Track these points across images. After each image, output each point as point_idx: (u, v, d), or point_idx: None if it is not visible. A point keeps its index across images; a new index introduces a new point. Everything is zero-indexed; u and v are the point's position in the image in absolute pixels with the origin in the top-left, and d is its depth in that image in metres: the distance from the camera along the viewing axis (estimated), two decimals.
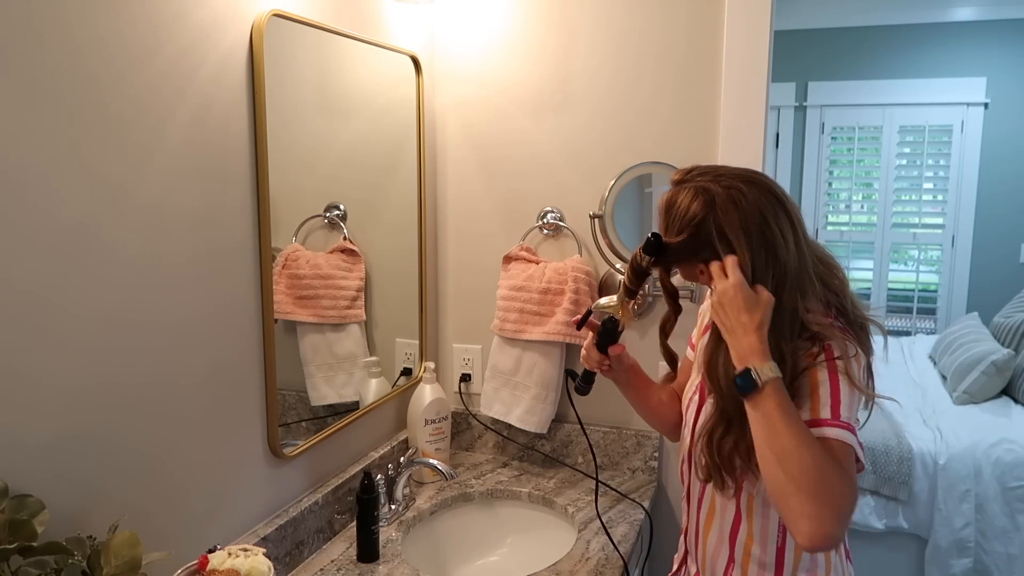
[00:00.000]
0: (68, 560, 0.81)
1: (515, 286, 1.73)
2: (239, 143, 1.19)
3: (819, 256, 1.08)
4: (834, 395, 0.99)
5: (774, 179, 1.06)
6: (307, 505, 1.37)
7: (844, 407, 0.98)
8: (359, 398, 1.58)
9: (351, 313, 1.52)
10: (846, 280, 1.09)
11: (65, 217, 0.91)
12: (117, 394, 0.99)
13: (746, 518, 1.11)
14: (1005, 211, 4.44)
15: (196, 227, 1.11)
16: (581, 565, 1.38)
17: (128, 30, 0.97)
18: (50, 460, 0.91)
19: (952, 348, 3.33)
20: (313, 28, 1.34)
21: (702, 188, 1.03)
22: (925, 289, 4.73)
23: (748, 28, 1.57)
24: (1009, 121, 4.38)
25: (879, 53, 4.54)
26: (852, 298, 1.08)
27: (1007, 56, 4.35)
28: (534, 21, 1.71)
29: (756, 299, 0.99)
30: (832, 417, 0.97)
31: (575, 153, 1.73)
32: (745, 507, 1.11)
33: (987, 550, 2.57)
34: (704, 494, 1.16)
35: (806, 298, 1.03)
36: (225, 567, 0.93)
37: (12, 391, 0.86)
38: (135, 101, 0.99)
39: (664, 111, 1.65)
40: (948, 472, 2.60)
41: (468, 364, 1.90)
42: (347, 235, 1.50)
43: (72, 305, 0.92)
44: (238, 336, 1.21)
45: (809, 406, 0.99)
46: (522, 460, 1.84)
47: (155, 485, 1.06)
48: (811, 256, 1.05)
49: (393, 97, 1.64)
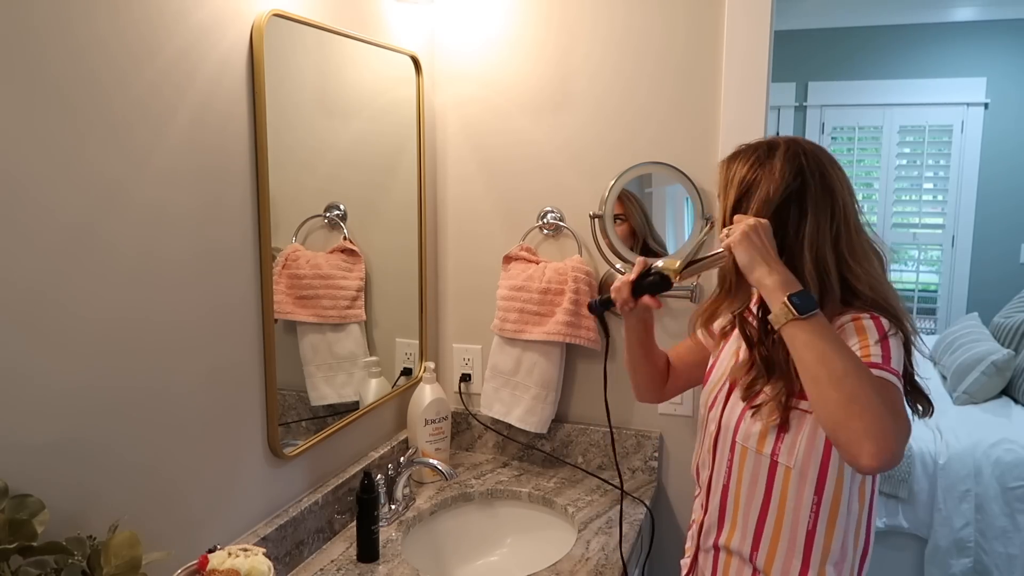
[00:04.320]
0: (68, 560, 0.81)
1: (515, 286, 1.73)
2: (239, 142, 1.19)
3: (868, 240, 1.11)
4: (884, 347, 0.99)
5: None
6: (307, 505, 1.37)
7: (894, 360, 0.98)
8: (359, 398, 1.58)
9: (351, 313, 1.52)
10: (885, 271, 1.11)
11: (65, 216, 0.91)
12: (117, 394, 0.99)
13: (778, 499, 1.10)
14: (1005, 211, 4.44)
15: (196, 226, 1.11)
16: (581, 565, 1.38)
17: (129, 30, 0.97)
18: (50, 460, 0.91)
19: (952, 348, 3.33)
20: (313, 28, 1.34)
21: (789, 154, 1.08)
22: (925, 289, 4.73)
23: (748, 28, 1.57)
24: (1009, 121, 4.38)
25: (879, 53, 4.54)
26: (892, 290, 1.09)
27: (1007, 56, 4.35)
28: (534, 21, 1.71)
29: (770, 232, 1.04)
30: (883, 362, 0.97)
31: (575, 153, 1.73)
32: (780, 483, 1.09)
33: (987, 550, 2.57)
34: (731, 477, 1.15)
35: (858, 263, 1.05)
36: (225, 567, 0.93)
37: (12, 392, 0.86)
38: (136, 100, 0.99)
39: (664, 111, 1.65)
40: (948, 472, 2.60)
41: (468, 364, 1.90)
42: (347, 235, 1.50)
43: (72, 304, 0.92)
44: (238, 336, 1.21)
45: (859, 345, 1.00)
46: (522, 460, 1.84)
47: (155, 485, 1.06)
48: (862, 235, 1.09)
49: (393, 97, 1.64)
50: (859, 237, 1.07)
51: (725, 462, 1.16)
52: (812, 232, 1.05)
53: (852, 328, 1.02)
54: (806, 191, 1.06)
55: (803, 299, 0.96)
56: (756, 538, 1.12)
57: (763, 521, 1.11)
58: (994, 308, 3.81)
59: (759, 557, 1.12)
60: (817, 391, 0.92)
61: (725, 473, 1.16)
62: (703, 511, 1.22)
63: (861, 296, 1.05)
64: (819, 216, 1.05)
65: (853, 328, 1.02)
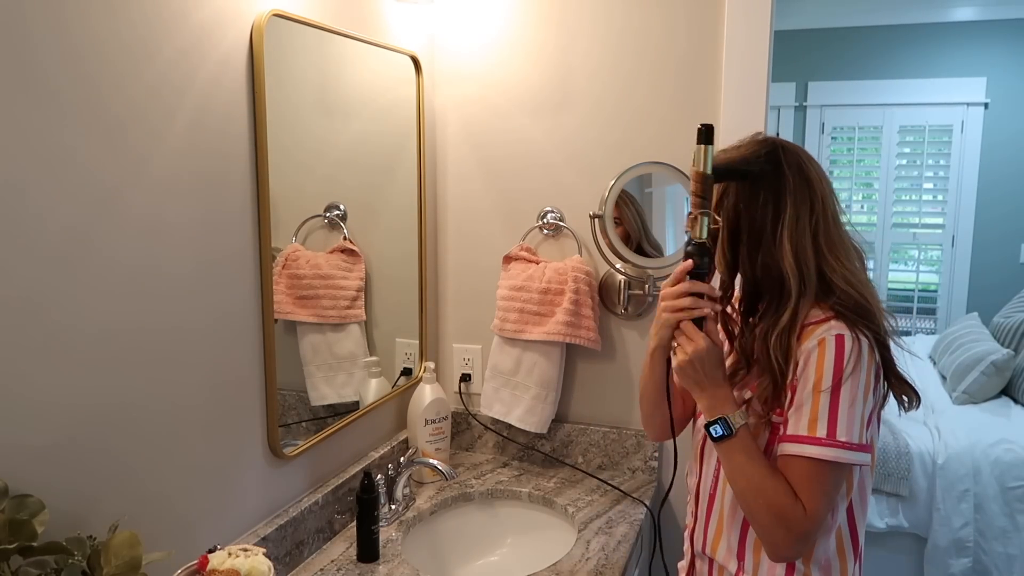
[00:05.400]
0: (68, 560, 0.81)
1: (515, 286, 1.73)
2: (239, 144, 1.19)
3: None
4: (834, 402, 1.00)
5: None
6: (307, 505, 1.37)
7: (842, 422, 0.99)
8: (359, 398, 1.58)
9: (351, 313, 1.52)
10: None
11: (62, 220, 0.90)
12: (117, 395, 0.99)
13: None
14: (1005, 211, 4.44)
15: (196, 227, 1.11)
16: (581, 565, 1.38)
17: (127, 31, 0.97)
18: (50, 460, 0.91)
19: (952, 348, 3.34)
20: (313, 28, 1.34)
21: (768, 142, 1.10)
22: (925, 289, 4.73)
23: (748, 28, 1.57)
24: (1009, 121, 4.39)
25: (879, 53, 4.54)
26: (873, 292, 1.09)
27: (1007, 56, 4.35)
28: (534, 21, 1.71)
29: (722, 355, 1.07)
30: (828, 436, 0.99)
31: (575, 153, 1.73)
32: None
33: (986, 550, 2.57)
34: (716, 486, 1.16)
35: (834, 255, 1.05)
36: (225, 567, 0.93)
37: (13, 393, 0.86)
38: (135, 103, 0.99)
39: (664, 111, 1.65)
40: (947, 472, 2.60)
41: (468, 364, 1.90)
42: (347, 235, 1.50)
43: (73, 306, 0.92)
44: (238, 337, 1.21)
45: (811, 397, 1.01)
46: (522, 460, 1.84)
47: (155, 485, 1.06)
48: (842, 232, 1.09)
49: (393, 97, 1.64)
50: (838, 232, 1.07)
51: (712, 471, 1.17)
52: (791, 224, 1.05)
53: (815, 357, 1.01)
54: (784, 182, 1.06)
55: (722, 426, 1.05)
56: (741, 546, 1.13)
57: (746, 529, 1.12)
58: (994, 308, 3.82)
59: (745, 566, 1.13)
60: (733, 488, 1.07)
61: (711, 482, 1.17)
62: (693, 519, 1.23)
63: (836, 291, 1.04)
64: (798, 208, 1.05)
65: (816, 357, 1.01)
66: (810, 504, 1.00)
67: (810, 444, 1.00)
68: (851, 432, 1.00)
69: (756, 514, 1.03)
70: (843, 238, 1.08)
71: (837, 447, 0.99)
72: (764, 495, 1.02)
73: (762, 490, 1.02)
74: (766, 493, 1.02)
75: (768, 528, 1.02)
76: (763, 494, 1.02)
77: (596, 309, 1.71)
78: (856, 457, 1.00)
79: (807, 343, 1.03)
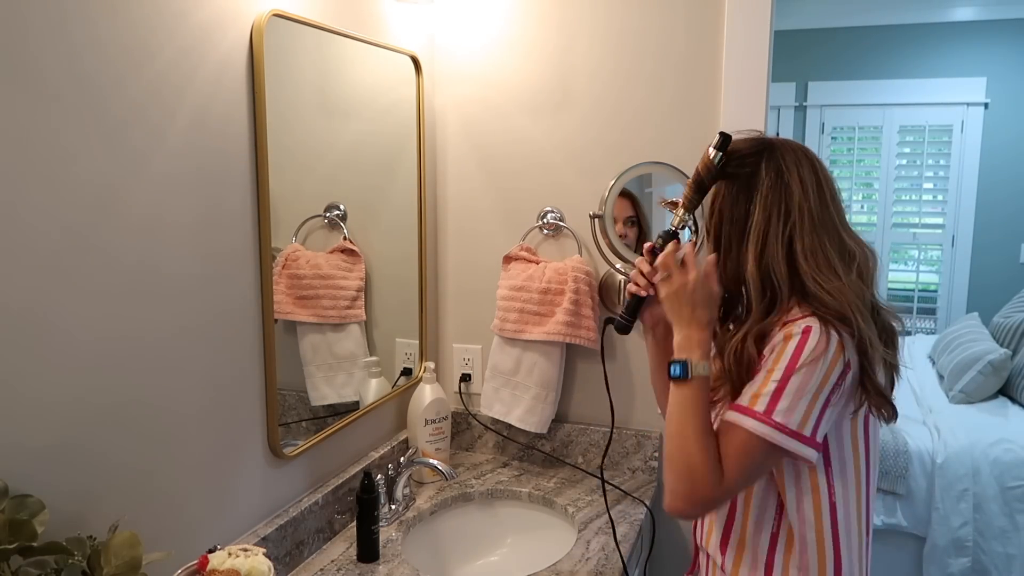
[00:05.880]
0: (68, 560, 0.81)
1: (515, 286, 1.73)
2: (239, 144, 1.19)
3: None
4: (779, 389, 0.99)
5: None
6: (307, 505, 1.37)
7: (782, 406, 0.99)
8: (359, 398, 1.58)
9: (351, 313, 1.52)
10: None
11: (63, 220, 0.90)
12: (117, 394, 0.99)
13: (742, 502, 1.12)
14: (1005, 211, 4.45)
15: (196, 227, 1.11)
16: (581, 565, 1.38)
17: (127, 31, 0.97)
18: (50, 460, 0.91)
19: (951, 348, 3.34)
20: (313, 28, 1.34)
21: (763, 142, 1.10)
22: (925, 289, 4.74)
23: (748, 28, 1.57)
24: (1009, 121, 4.39)
25: (879, 53, 4.54)
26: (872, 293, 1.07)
27: (1007, 56, 4.35)
28: (534, 21, 1.71)
29: (713, 296, 1.07)
30: (765, 413, 0.99)
31: (575, 153, 1.73)
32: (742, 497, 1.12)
33: (985, 550, 2.57)
34: None
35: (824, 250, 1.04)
36: (225, 567, 0.93)
37: (13, 394, 0.86)
38: (135, 103, 0.99)
39: (664, 111, 1.65)
40: (946, 471, 2.61)
41: (468, 364, 1.90)
42: (347, 235, 1.50)
43: (73, 306, 0.92)
44: (238, 338, 1.21)
45: (763, 375, 1.01)
46: (522, 460, 1.84)
47: (155, 485, 1.06)
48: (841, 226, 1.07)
49: (393, 97, 1.64)
50: (820, 237, 1.03)
51: None
52: (758, 229, 1.04)
53: (780, 346, 1.01)
54: (757, 185, 1.05)
55: (681, 368, 1.06)
56: (724, 541, 1.13)
57: (731, 524, 1.13)
58: (994, 308, 3.82)
59: (727, 561, 1.13)
60: (665, 431, 1.07)
61: None
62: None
63: (812, 297, 1.02)
64: (769, 212, 1.04)
65: (780, 346, 1.01)
66: (728, 474, 1.00)
67: (747, 416, 1.00)
68: (790, 417, 0.98)
69: (673, 461, 1.04)
70: (825, 244, 1.03)
71: (770, 425, 0.98)
72: (687, 448, 1.02)
73: (688, 442, 1.02)
74: (690, 447, 1.02)
75: (677, 477, 1.03)
76: (687, 446, 1.02)
77: (596, 309, 1.71)
78: (790, 443, 0.98)
79: (777, 336, 1.02)
